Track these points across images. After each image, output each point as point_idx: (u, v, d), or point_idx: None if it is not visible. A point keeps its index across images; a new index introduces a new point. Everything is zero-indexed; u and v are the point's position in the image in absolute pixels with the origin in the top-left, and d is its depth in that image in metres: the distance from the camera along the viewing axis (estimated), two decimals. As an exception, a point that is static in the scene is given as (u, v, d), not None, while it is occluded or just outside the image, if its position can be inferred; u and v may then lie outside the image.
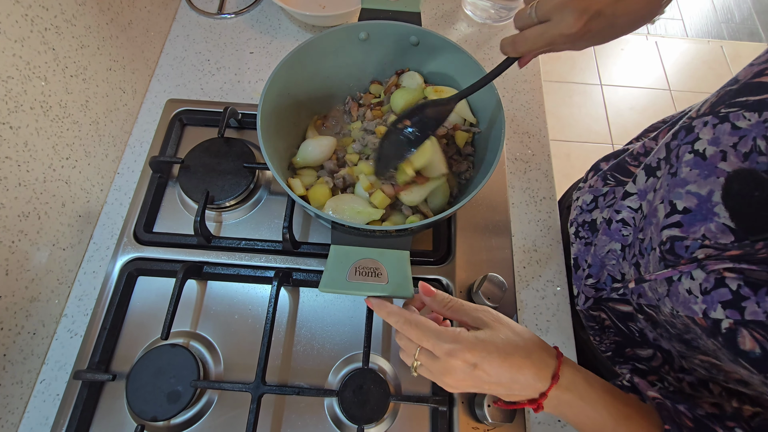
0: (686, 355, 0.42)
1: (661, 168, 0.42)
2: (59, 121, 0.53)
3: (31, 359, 0.51)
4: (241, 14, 0.81)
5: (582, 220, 0.57)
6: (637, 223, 0.45)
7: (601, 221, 0.53)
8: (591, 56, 2.20)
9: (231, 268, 0.58)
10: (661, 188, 0.40)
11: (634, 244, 0.45)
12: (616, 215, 0.48)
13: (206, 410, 0.51)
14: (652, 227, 0.40)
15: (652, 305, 0.41)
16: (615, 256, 0.49)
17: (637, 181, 0.46)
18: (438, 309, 0.40)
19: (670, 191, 0.38)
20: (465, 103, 0.56)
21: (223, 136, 0.63)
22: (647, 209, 0.43)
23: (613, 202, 0.53)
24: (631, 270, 0.45)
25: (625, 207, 0.48)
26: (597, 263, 0.52)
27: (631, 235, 0.47)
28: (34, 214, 0.50)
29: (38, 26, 0.50)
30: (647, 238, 0.42)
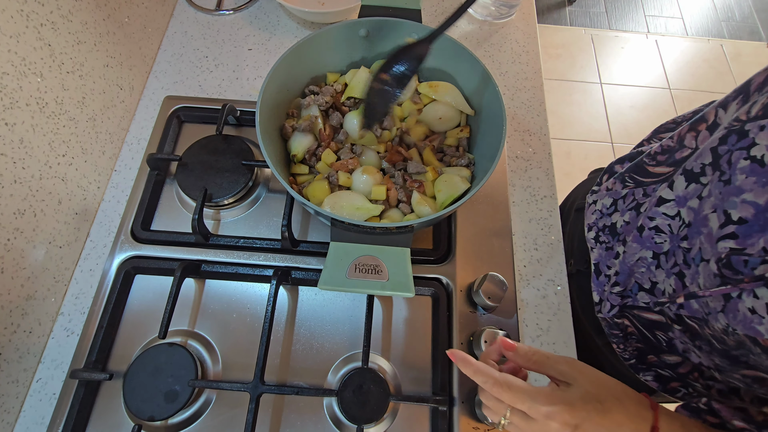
0: (726, 370, 0.41)
1: (707, 174, 0.40)
2: (55, 118, 0.53)
3: (27, 358, 0.51)
4: (239, 11, 0.80)
5: (602, 224, 0.56)
6: (675, 231, 0.43)
7: (623, 224, 0.52)
8: (591, 55, 2.19)
9: (229, 266, 0.57)
10: (711, 196, 0.38)
11: (675, 253, 0.43)
12: (649, 222, 0.46)
13: (204, 410, 0.51)
14: (702, 237, 0.39)
15: (696, 318, 0.40)
16: (645, 264, 0.47)
17: (675, 187, 0.44)
18: (521, 363, 0.39)
19: (723, 200, 0.36)
20: (461, 97, 0.56)
21: (221, 134, 0.62)
22: (691, 217, 0.41)
23: (633, 204, 0.51)
24: (670, 280, 0.44)
25: (659, 214, 0.45)
26: (625, 271, 0.50)
27: (666, 243, 0.45)
28: (30, 211, 0.50)
29: (34, 22, 0.49)
30: (695, 248, 0.40)
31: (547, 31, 2.25)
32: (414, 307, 0.57)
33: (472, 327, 0.54)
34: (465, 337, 0.54)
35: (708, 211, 0.38)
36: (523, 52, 0.78)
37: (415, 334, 0.55)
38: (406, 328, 0.55)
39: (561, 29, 2.27)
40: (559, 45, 2.20)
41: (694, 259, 0.40)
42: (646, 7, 2.40)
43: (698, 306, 0.39)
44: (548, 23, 2.29)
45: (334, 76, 0.58)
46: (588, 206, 0.60)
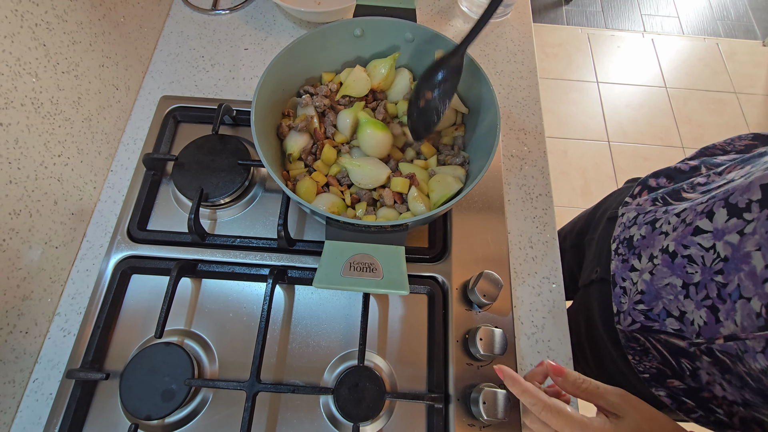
0: (757, 406, 0.41)
1: (752, 210, 0.38)
2: (51, 118, 0.53)
3: (23, 358, 0.51)
4: (235, 10, 0.80)
5: (623, 237, 0.56)
6: (709, 264, 0.42)
7: (639, 238, 0.52)
8: (588, 54, 2.20)
9: (226, 265, 0.57)
10: (756, 234, 0.37)
11: (707, 286, 0.42)
12: (683, 250, 0.45)
13: (201, 409, 0.51)
14: (742, 274, 0.38)
15: (730, 353, 0.39)
16: (674, 291, 0.46)
17: (715, 219, 0.42)
18: (569, 390, 0.39)
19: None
20: (455, 95, 0.56)
21: (217, 133, 0.63)
22: (728, 252, 0.40)
23: (651, 218, 0.52)
24: (701, 311, 0.43)
25: (694, 243, 0.44)
26: (652, 292, 0.49)
27: (697, 274, 0.44)
28: (26, 211, 0.50)
29: (29, 22, 0.49)
30: (732, 284, 0.39)
31: (543, 30, 2.25)
32: (410, 305, 0.57)
33: (468, 325, 0.55)
34: (460, 335, 0.54)
35: (751, 249, 0.38)
36: (519, 51, 0.78)
37: (410, 332, 0.55)
38: (402, 326, 0.56)
39: (557, 28, 2.27)
40: (556, 44, 2.21)
41: (730, 295, 0.39)
42: (642, 6, 2.41)
43: (734, 344, 0.39)
44: (545, 22, 2.29)
45: (330, 75, 0.58)
46: (619, 218, 0.60)
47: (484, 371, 0.52)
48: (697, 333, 0.43)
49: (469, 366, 0.53)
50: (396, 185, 0.51)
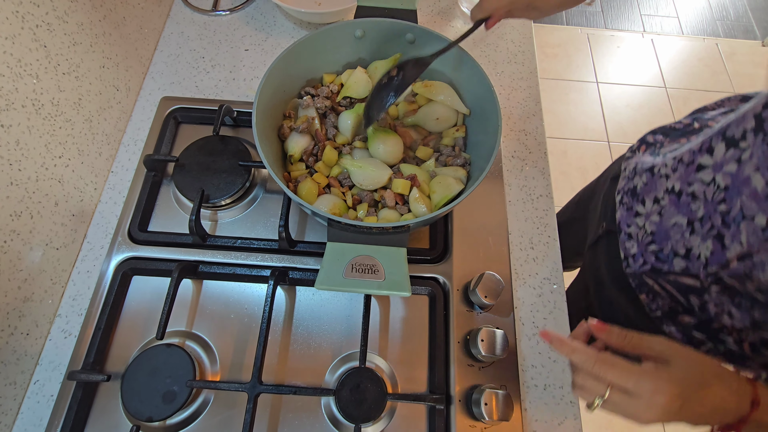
0: (765, 323, 0.42)
1: (747, 139, 0.41)
2: (52, 119, 0.53)
3: (24, 360, 0.51)
4: (236, 11, 0.80)
5: (627, 188, 0.59)
6: (710, 197, 0.45)
7: (642, 186, 0.55)
8: (587, 54, 2.20)
9: (227, 267, 0.57)
10: (753, 158, 0.40)
11: (711, 217, 0.45)
12: (687, 187, 0.48)
13: (202, 410, 0.51)
14: (744, 197, 0.40)
15: (737, 275, 0.41)
16: (680, 230, 0.48)
17: (715, 154, 0.45)
18: (616, 343, 0.39)
19: (767, 160, 0.38)
20: (456, 96, 0.56)
21: (218, 134, 0.63)
22: (728, 181, 0.43)
23: (649, 166, 0.54)
24: (707, 243, 0.45)
25: (697, 180, 0.47)
26: (662, 232, 0.51)
27: (700, 209, 0.46)
28: (27, 213, 0.50)
29: (29, 23, 0.49)
30: (735, 209, 0.41)
31: (543, 30, 2.25)
32: (411, 307, 0.57)
33: (469, 326, 0.55)
34: (462, 336, 0.54)
35: (750, 172, 0.40)
36: (519, 51, 0.78)
37: (412, 333, 0.55)
38: (403, 327, 0.56)
39: (557, 28, 2.27)
40: (556, 44, 2.21)
41: (734, 219, 0.41)
42: (642, 7, 2.41)
43: (740, 264, 0.41)
44: (544, 22, 2.29)
45: (331, 76, 0.58)
46: (622, 173, 0.63)
47: (485, 372, 0.52)
48: (704, 265, 0.45)
49: (470, 367, 0.53)
50: (397, 187, 0.51)
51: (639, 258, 0.54)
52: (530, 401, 0.53)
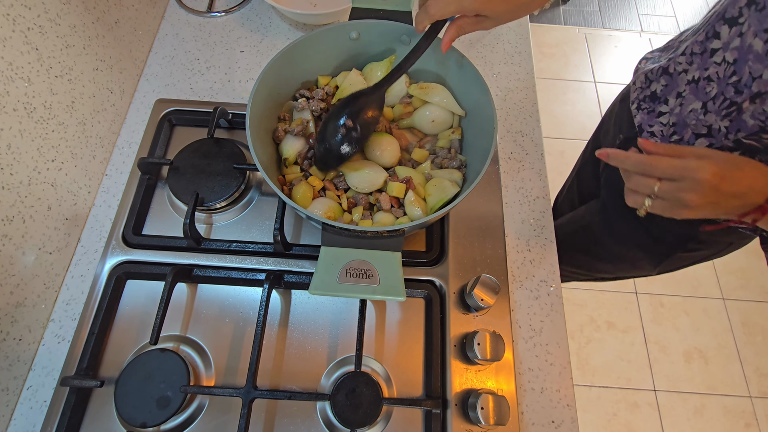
0: None
1: (744, 14, 0.46)
2: (44, 123, 0.52)
3: (17, 365, 0.50)
4: (231, 12, 0.80)
5: (644, 95, 0.62)
6: (722, 75, 0.49)
7: (661, 88, 0.58)
8: (585, 53, 2.20)
9: (221, 270, 0.57)
10: (751, 27, 0.45)
11: (724, 92, 0.49)
12: (705, 72, 0.51)
13: (197, 415, 0.51)
14: (750, 62, 0.45)
15: (753, 134, 0.47)
16: (695, 115, 0.53)
17: (722, 36, 0.49)
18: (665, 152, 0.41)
19: (761, 24, 0.43)
20: (451, 98, 0.56)
21: (212, 137, 0.62)
22: (735, 55, 0.47)
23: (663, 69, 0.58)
24: (721, 114, 0.50)
25: (711, 63, 0.50)
26: (681, 122, 0.55)
27: (714, 89, 0.50)
28: (19, 217, 0.49)
29: (20, 26, 0.48)
30: (745, 76, 0.46)
31: (540, 30, 2.25)
32: (407, 310, 0.57)
33: (465, 329, 0.54)
34: (458, 339, 0.54)
35: (751, 39, 0.45)
36: (516, 52, 0.78)
37: (408, 336, 0.55)
38: (399, 331, 0.55)
39: (555, 28, 2.27)
40: (553, 44, 2.20)
41: (746, 84, 0.46)
42: (640, 6, 2.41)
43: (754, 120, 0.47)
44: (542, 22, 2.29)
45: (325, 78, 0.58)
46: (632, 86, 0.67)
47: (481, 375, 0.52)
48: (725, 135, 0.50)
49: (466, 370, 0.52)
50: (392, 190, 0.51)
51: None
52: (527, 404, 0.53)
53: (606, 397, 1.48)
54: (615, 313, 1.61)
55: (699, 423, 1.46)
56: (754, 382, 1.51)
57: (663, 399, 1.49)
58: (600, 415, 1.46)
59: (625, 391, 1.49)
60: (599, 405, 1.47)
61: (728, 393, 1.50)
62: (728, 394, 1.49)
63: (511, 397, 0.51)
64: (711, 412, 1.47)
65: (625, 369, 1.53)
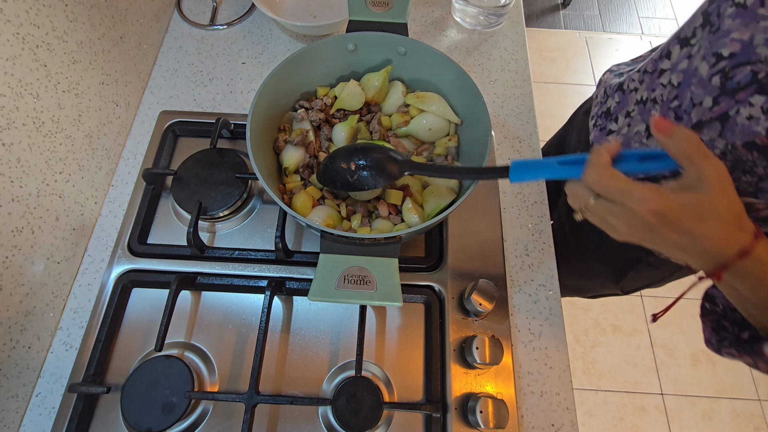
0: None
1: (697, 35, 0.45)
2: (52, 136, 0.54)
3: (26, 373, 0.52)
4: (233, 25, 0.82)
5: (600, 111, 0.62)
6: (665, 98, 0.48)
7: (614, 105, 0.58)
8: (585, 57, 2.21)
9: (224, 278, 0.58)
10: (701, 49, 0.44)
11: (665, 115, 0.48)
12: (651, 94, 0.51)
13: (201, 421, 0.52)
14: (692, 87, 0.45)
15: None
16: (639, 137, 0.52)
17: (672, 56, 0.48)
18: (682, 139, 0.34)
19: (712, 46, 0.42)
20: (447, 106, 0.57)
21: (215, 147, 0.64)
22: (680, 78, 0.47)
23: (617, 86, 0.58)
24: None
25: (658, 85, 0.50)
26: (626, 143, 0.55)
27: (657, 113, 0.50)
28: (28, 228, 0.51)
29: (30, 44, 0.50)
30: (685, 101, 0.45)
31: (541, 34, 2.26)
32: (406, 315, 0.57)
33: (465, 333, 0.55)
34: (457, 344, 0.54)
35: (698, 62, 0.44)
36: (512, 60, 0.79)
37: (407, 341, 0.56)
38: (399, 336, 0.56)
39: (555, 32, 2.28)
40: (554, 48, 2.21)
41: (686, 111, 0.45)
42: (640, 9, 2.42)
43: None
44: (542, 27, 2.30)
45: (324, 89, 0.59)
46: (593, 100, 0.67)
47: (481, 380, 0.53)
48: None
49: (466, 374, 0.53)
50: (390, 197, 0.52)
51: None
52: (526, 408, 0.53)
53: (613, 401, 1.47)
54: (620, 316, 1.61)
55: (708, 427, 1.44)
56: (763, 385, 1.50)
57: (671, 403, 1.47)
58: (607, 420, 1.45)
59: (632, 395, 1.48)
60: (606, 409, 1.46)
61: (737, 396, 1.48)
62: (737, 398, 1.48)
63: (511, 400, 0.52)
64: (720, 416, 1.45)
65: (631, 373, 1.52)
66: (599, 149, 0.36)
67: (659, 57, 0.51)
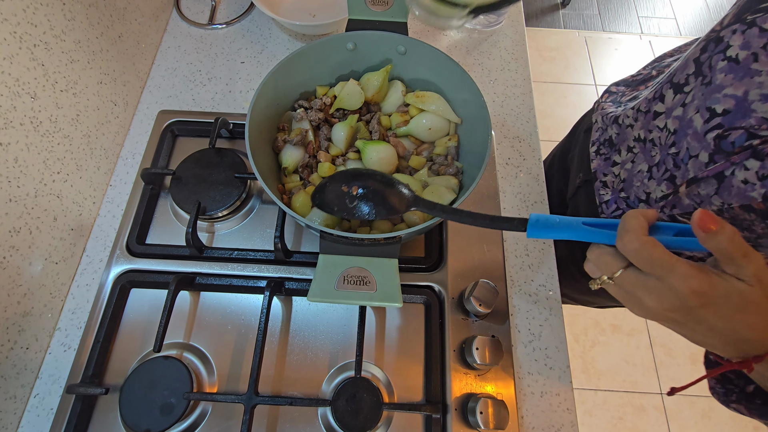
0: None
1: (690, 83, 0.45)
2: (50, 136, 0.54)
3: (24, 374, 0.51)
4: (231, 24, 0.81)
5: (603, 138, 0.62)
6: (663, 142, 0.48)
7: (615, 135, 0.58)
8: (585, 57, 2.20)
9: (223, 278, 0.58)
10: (694, 100, 0.43)
11: (665, 161, 0.48)
12: (648, 134, 0.51)
13: (200, 422, 0.51)
14: (689, 138, 0.44)
15: (687, 213, 0.46)
16: (641, 177, 0.52)
17: (666, 100, 0.48)
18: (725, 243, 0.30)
19: (705, 99, 0.42)
20: (447, 105, 0.57)
21: (214, 147, 0.63)
22: (676, 125, 0.46)
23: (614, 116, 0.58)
24: (661, 186, 0.49)
25: (654, 127, 0.50)
26: (629, 180, 0.55)
27: (657, 155, 0.49)
28: (26, 229, 0.50)
29: (27, 43, 0.50)
30: (682, 151, 0.45)
31: (540, 34, 2.26)
32: (406, 315, 0.57)
33: (465, 334, 0.55)
34: (457, 344, 0.54)
35: (692, 114, 0.44)
36: (512, 59, 0.79)
37: (407, 341, 0.56)
38: (399, 336, 0.56)
39: (555, 32, 2.28)
40: (553, 48, 2.21)
41: (683, 160, 0.45)
42: (639, 9, 2.41)
43: (690, 200, 0.45)
44: (542, 26, 2.30)
45: (324, 89, 0.59)
46: (593, 124, 0.67)
47: (481, 380, 0.53)
48: (662, 207, 0.49)
49: (466, 375, 0.53)
50: None
51: (612, 204, 0.58)
52: (527, 409, 0.53)
53: (612, 400, 1.48)
54: (619, 316, 1.61)
55: (707, 426, 1.44)
56: (762, 384, 1.50)
57: (670, 402, 1.47)
58: (606, 419, 1.45)
59: (632, 394, 1.48)
60: (605, 409, 1.46)
61: (736, 396, 1.48)
62: (736, 397, 1.48)
63: (511, 401, 0.52)
64: (719, 416, 1.45)
65: (630, 372, 1.52)
66: (636, 214, 0.32)
67: (653, 98, 0.50)
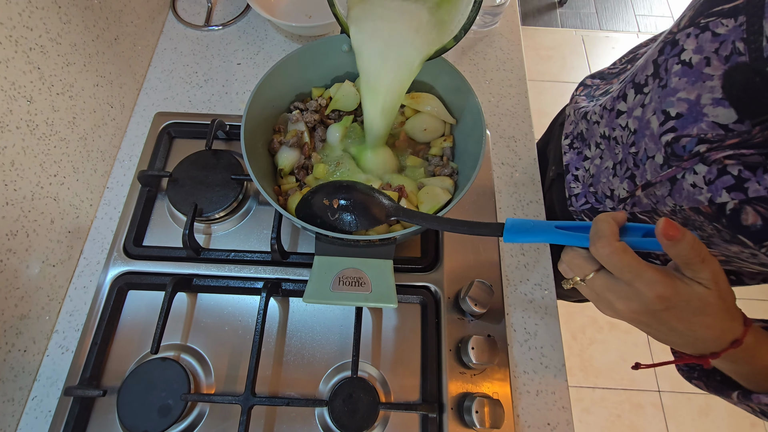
0: None
1: (649, 84, 0.45)
2: (46, 139, 0.54)
3: (22, 376, 0.51)
4: (228, 26, 0.82)
5: (575, 132, 0.63)
6: (625, 141, 0.49)
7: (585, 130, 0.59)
8: (582, 55, 2.21)
9: (220, 280, 0.58)
10: (652, 102, 0.44)
11: (626, 160, 0.49)
12: (612, 132, 0.52)
13: (198, 423, 0.52)
14: (646, 139, 0.45)
15: (646, 211, 0.47)
16: (607, 173, 0.53)
17: (628, 100, 0.49)
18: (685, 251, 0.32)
19: (661, 102, 0.43)
20: (442, 106, 0.57)
21: (210, 149, 0.63)
22: (636, 125, 0.47)
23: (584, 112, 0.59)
24: (623, 184, 0.50)
25: (617, 125, 0.50)
26: (597, 176, 0.56)
27: (620, 153, 0.50)
28: (23, 232, 0.51)
29: (23, 47, 0.50)
30: (641, 150, 0.46)
31: (537, 33, 2.26)
32: (402, 315, 0.58)
33: (461, 333, 0.55)
34: (453, 344, 0.55)
35: (650, 115, 0.44)
36: (508, 59, 0.79)
37: (404, 341, 0.56)
38: (395, 336, 0.56)
39: (552, 31, 2.29)
40: (550, 47, 2.22)
41: (641, 160, 0.46)
42: (636, 7, 2.42)
43: (648, 200, 0.46)
44: (539, 25, 2.30)
45: (319, 90, 0.59)
46: (567, 118, 0.67)
47: (477, 380, 0.53)
48: (624, 205, 0.51)
49: (462, 375, 0.53)
50: None
51: (582, 198, 0.59)
52: (522, 407, 0.53)
53: (610, 398, 1.48)
54: (617, 314, 1.61)
55: (704, 423, 1.45)
56: (759, 381, 1.51)
57: (667, 399, 1.48)
58: (604, 417, 1.45)
59: (629, 392, 1.49)
60: (603, 406, 1.47)
61: (733, 393, 1.49)
62: (733, 394, 1.49)
63: (507, 400, 0.52)
64: (716, 412, 1.46)
65: (628, 370, 1.52)
66: (607, 218, 0.34)
67: (617, 96, 0.51)
